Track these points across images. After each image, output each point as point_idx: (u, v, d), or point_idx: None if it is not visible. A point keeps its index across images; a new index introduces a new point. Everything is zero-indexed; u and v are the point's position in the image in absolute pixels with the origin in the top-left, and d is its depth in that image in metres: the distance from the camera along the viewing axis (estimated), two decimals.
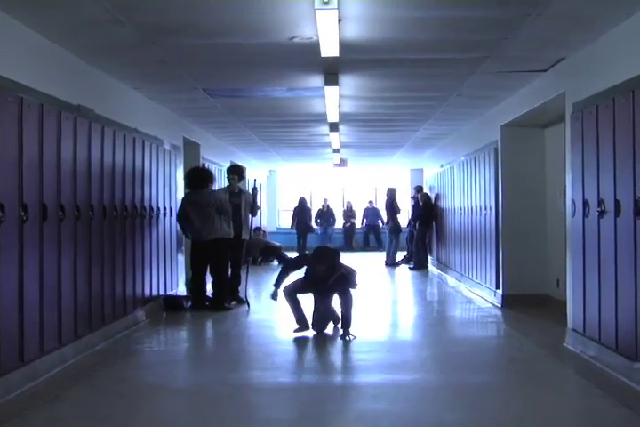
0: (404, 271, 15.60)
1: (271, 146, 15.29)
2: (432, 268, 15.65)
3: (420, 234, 15.67)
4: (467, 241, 11.84)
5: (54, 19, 5.34)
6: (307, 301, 7.94)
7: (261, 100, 9.19)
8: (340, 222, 22.19)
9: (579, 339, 6.46)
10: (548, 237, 9.59)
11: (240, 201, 9.99)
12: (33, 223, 5.42)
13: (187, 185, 9.70)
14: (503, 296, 9.54)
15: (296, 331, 7.65)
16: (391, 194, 17.10)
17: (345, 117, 10.64)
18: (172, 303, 9.30)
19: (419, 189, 16.81)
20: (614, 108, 5.57)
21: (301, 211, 20.72)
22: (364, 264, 17.39)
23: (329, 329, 7.84)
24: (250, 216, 10.11)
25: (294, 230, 20.61)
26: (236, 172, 10.26)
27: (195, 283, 9.56)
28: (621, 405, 4.81)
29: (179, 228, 9.83)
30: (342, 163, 18.55)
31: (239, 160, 15.89)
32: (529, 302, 9.37)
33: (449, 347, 7.22)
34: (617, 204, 5.53)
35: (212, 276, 9.56)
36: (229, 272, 9.87)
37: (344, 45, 5.97)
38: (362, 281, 12.67)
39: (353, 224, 22.07)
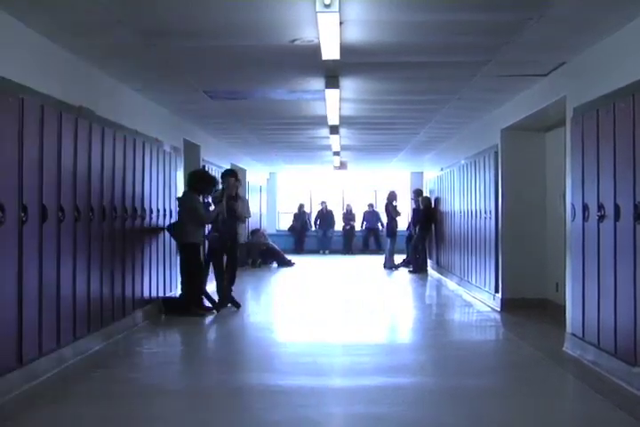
0: (403, 275, 15.59)
1: (271, 148, 15.30)
2: (431, 271, 15.65)
3: (420, 237, 15.66)
4: (466, 245, 11.84)
5: (56, 20, 5.34)
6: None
7: (262, 102, 9.19)
8: (339, 225, 22.22)
9: (578, 343, 6.45)
10: (547, 241, 9.59)
11: (233, 205, 9.94)
12: (33, 224, 5.42)
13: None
14: (502, 300, 9.54)
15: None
16: (390, 197, 17.10)
17: (345, 120, 10.64)
18: (170, 305, 9.29)
19: (418, 192, 16.80)
20: (615, 112, 5.57)
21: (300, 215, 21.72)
22: (364, 267, 17.40)
23: None
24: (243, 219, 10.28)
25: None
26: (234, 175, 10.20)
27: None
28: (620, 409, 4.80)
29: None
30: (342, 166, 18.56)
31: (239, 162, 15.91)
32: (528, 305, 9.36)
33: (448, 350, 7.20)
34: (617, 208, 5.53)
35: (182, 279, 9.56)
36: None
37: (345, 48, 5.97)
38: (362, 284, 12.64)
39: (353, 227, 22.09)
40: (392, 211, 16.94)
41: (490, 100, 9.02)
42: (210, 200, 9.97)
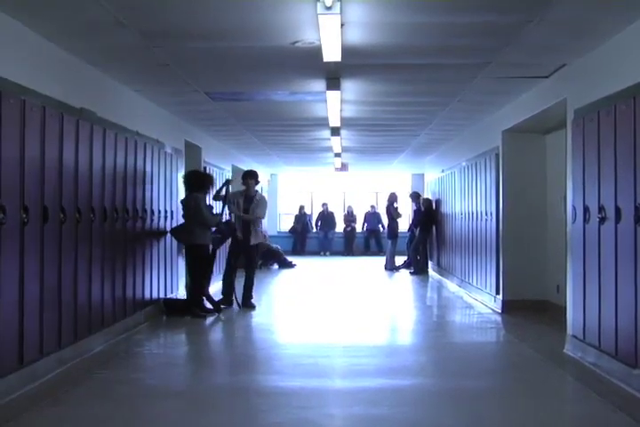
0: (404, 276, 15.60)
1: (273, 149, 15.31)
2: (432, 273, 15.65)
3: (421, 239, 15.67)
4: (467, 246, 11.84)
5: (57, 21, 5.35)
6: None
7: (263, 103, 9.20)
8: (340, 227, 22.24)
9: (578, 345, 6.45)
10: (548, 243, 9.59)
11: (249, 206, 10.01)
12: (34, 225, 5.43)
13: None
14: (503, 302, 9.54)
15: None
16: (390, 198, 17.11)
17: (346, 122, 10.64)
18: (172, 306, 9.30)
19: (415, 195, 16.80)
20: (615, 114, 5.58)
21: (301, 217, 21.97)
22: (365, 269, 17.40)
23: None
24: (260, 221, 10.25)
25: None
26: (253, 176, 10.28)
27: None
28: (621, 411, 4.81)
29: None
30: (343, 167, 18.57)
31: (240, 164, 15.91)
32: (529, 307, 9.37)
33: (448, 352, 7.21)
34: (617, 210, 5.53)
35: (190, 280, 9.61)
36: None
37: (346, 50, 5.98)
38: (362, 286, 12.64)
39: (354, 228, 22.10)
40: (393, 212, 16.94)
41: (490, 102, 9.02)
42: (214, 199, 10.15)
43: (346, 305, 10.76)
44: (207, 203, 9.71)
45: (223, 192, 10.10)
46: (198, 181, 9.47)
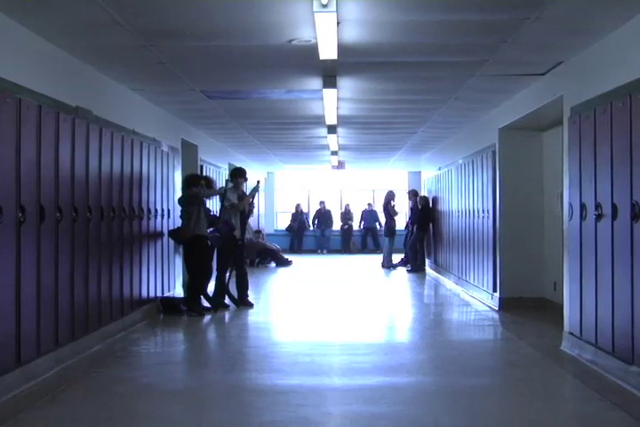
0: (401, 274, 15.60)
1: (269, 148, 15.30)
2: (429, 270, 15.66)
3: (418, 237, 15.68)
4: (464, 244, 11.85)
5: (53, 20, 5.35)
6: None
7: (260, 102, 9.20)
8: (337, 225, 22.24)
9: (575, 342, 6.47)
10: (545, 241, 9.60)
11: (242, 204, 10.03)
12: (30, 225, 5.42)
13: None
14: (500, 299, 9.55)
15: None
16: (388, 196, 17.12)
17: (343, 120, 10.65)
18: (169, 305, 9.30)
19: (413, 193, 16.81)
20: (612, 111, 5.59)
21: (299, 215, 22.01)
22: (362, 266, 17.41)
23: None
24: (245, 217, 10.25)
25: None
26: (242, 175, 10.26)
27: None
28: (617, 408, 4.82)
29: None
30: (340, 165, 18.57)
31: (237, 162, 15.91)
32: (526, 305, 9.38)
33: (446, 350, 7.21)
34: (614, 207, 5.54)
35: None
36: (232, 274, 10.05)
37: (342, 48, 5.99)
38: (360, 283, 12.63)
39: (351, 226, 22.10)
40: (390, 210, 16.96)
41: (487, 100, 9.03)
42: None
43: (343, 303, 10.77)
44: (207, 206, 9.77)
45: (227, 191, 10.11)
46: (192, 178, 9.57)
